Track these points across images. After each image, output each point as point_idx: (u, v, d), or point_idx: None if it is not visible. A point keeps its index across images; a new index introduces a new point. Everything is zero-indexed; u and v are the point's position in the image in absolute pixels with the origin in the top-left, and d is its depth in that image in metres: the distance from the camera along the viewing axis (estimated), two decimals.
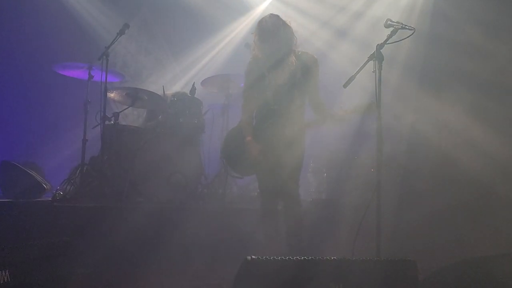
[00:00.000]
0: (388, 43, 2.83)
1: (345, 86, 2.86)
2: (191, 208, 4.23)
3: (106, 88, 4.39)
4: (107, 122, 4.47)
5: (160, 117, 4.91)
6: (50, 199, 4.12)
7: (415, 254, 3.44)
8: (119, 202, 4.15)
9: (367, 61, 2.82)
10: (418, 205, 3.99)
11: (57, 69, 4.84)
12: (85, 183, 4.32)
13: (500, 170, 3.72)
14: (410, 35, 2.81)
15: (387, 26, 2.86)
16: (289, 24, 3.20)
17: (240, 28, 6.68)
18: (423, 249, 3.67)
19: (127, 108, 4.85)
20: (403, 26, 2.81)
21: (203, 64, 6.64)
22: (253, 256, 2.14)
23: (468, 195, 3.74)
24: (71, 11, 6.04)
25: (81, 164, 4.44)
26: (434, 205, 3.90)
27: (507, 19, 4.05)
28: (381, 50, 2.80)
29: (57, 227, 3.67)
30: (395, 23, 2.83)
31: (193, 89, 4.98)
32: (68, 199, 4.10)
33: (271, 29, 3.12)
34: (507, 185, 3.69)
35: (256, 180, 3.66)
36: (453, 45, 4.21)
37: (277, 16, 3.20)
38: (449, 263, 2.74)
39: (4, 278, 2.37)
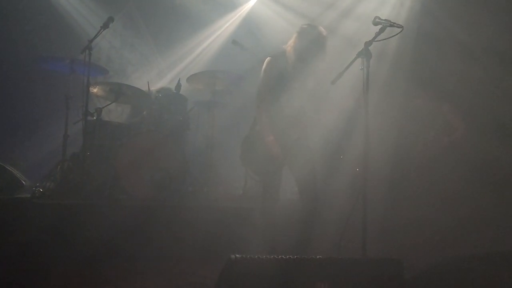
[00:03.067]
0: (377, 41, 2.82)
1: (333, 83, 2.86)
2: (174, 206, 4.17)
3: (88, 82, 4.29)
4: (89, 118, 4.37)
5: (144, 112, 4.83)
6: (29, 196, 4.02)
7: (401, 253, 3.45)
8: (101, 200, 4.08)
9: (355, 58, 2.82)
10: (404, 204, 4.01)
11: (38, 62, 4.72)
12: (66, 180, 4.24)
13: (485, 169, 3.76)
14: (398, 33, 2.80)
15: (375, 23, 2.86)
16: None
17: (228, 24, 6.63)
18: (409, 249, 3.68)
19: (111, 103, 4.75)
20: (392, 24, 2.80)
21: (189, 61, 6.56)
22: (237, 255, 2.11)
23: (455, 195, 3.76)
24: (53, 3, 5.90)
25: (62, 160, 4.34)
26: (420, 204, 3.91)
27: (489, 18, 4.10)
28: (369, 48, 2.79)
29: (36, 224, 3.58)
30: (383, 21, 2.83)
31: (178, 86, 4.92)
32: (48, 196, 4.01)
33: (324, 46, 3.21)
34: (493, 186, 3.72)
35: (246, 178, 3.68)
36: (440, 43, 4.24)
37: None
38: (434, 262, 2.74)
39: None
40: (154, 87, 5.14)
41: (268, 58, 3.35)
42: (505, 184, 3.79)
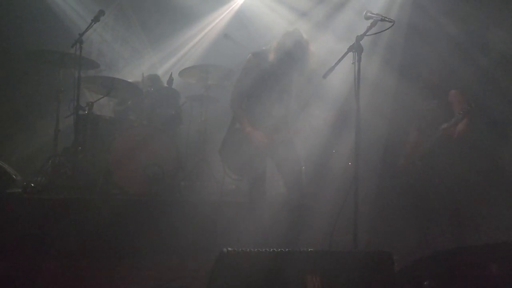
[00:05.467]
0: (368, 35, 2.83)
1: (324, 76, 2.86)
2: (167, 200, 4.16)
3: (79, 76, 4.26)
4: (81, 112, 4.35)
5: (129, 102, 4.80)
6: (20, 190, 3.99)
7: (391, 246, 3.48)
8: (93, 194, 4.06)
9: (347, 53, 2.82)
10: (395, 197, 4.04)
11: (29, 55, 4.67)
12: (58, 175, 4.22)
13: (475, 160, 3.79)
14: (390, 27, 2.81)
15: (366, 18, 2.86)
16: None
17: (220, 18, 6.59)
18: (400, 242, 3.72)
19: (102, 97, 4.72)
20: (383, 18, 2.81)
21: (182, 55, 6.53)
22: (229, 248, 2.12)
23: (446, 187, 3.79)
24: None
25: (53, 154, 4.32)
26: (411, 197, 3.94)
27: (480, 14, 4.13)
28: (360, 42, 2.80)
29: (28, 219, 3.57)
30: (374, 15, 2.83)
31: (170, 80, 4.90)
32: (39, 190, 3.99)
33: (305, 49, 3.27)
34: (484, 176, 3.77)
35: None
36: (431, 38, 4.26)
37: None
38: (424, 255, 2.77)
39: None
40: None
41: (249, 55, 3.38)
42: (494, 174, 3.85)
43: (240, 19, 6.44)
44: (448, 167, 3.76)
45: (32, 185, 4.05)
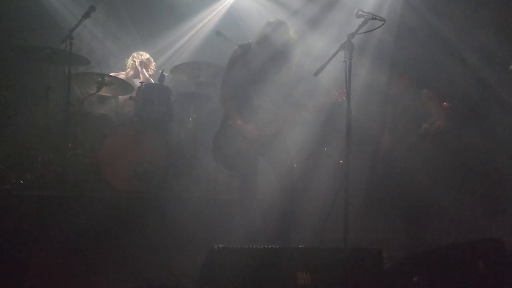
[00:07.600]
0: (359, 33, 2.84)
1: (315, 75, 2.86)
2: (157, 198, 4.15)
3: (70, 73, 4.23)
4: (71, 109, 4.31)
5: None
6: (9, 187, 3.95)
7: (381, 244, 3.51)
8: (83, 192, 4.03)
9: (338, 51, 2.82)
10: (386, 195, 4.07)
11: (18, 51, 4.63)
12: (47, 172, 4.18)
13: (465, 157, 3.84)
14: (381, 26, 2.83)
15: (357, 16, 2.87)
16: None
17: (212, 15, 6.56)
18: (389, 239, 3.75)
19: (93, 94, 4.68)
20: (374, 16, 2.82)
21: (173, 52, 6.49)
22: (220, 245, 2.13)
23: (437, 185, 3.83)
24: None
25: (43, 151, 4.28)
26: (401, 195, 3.97)
27: (469, 13, 4.18)
28: (351, 40, 2.81)
29: (16, 216, 3.54)
30: (365, 14, 2.84)
31: (161, 77, 4.88)
32: (28, 187, 3.95)
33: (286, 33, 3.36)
34: (474, 174, 3.81)
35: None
36: (421, 36, 4.31)
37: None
38: (413, 252, 2.80)
39: None
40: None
41: (235, 47, 3.44)
42: (484, 171, 3.90)
43: (232, 16, 6.42)
44: (430, 166, 3.80)
45: (21, 182, 4.02)
